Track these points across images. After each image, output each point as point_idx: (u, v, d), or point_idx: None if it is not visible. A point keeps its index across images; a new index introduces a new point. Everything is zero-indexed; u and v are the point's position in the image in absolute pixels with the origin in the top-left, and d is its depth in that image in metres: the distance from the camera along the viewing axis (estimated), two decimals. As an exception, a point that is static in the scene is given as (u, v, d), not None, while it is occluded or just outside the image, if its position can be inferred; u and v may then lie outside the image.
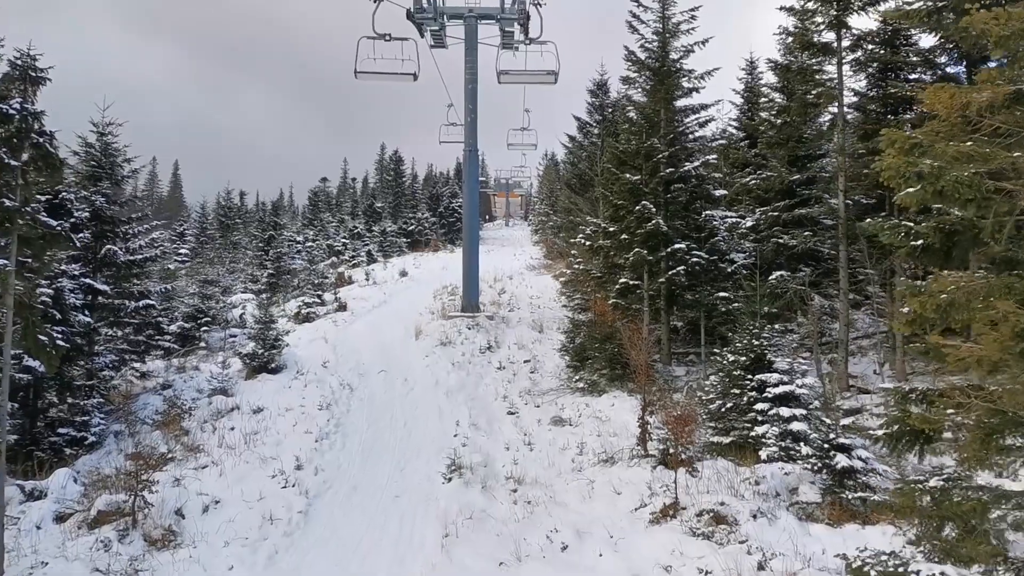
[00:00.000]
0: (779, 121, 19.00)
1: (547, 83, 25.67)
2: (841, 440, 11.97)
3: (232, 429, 17.29)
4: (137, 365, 21.61)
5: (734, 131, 28.02)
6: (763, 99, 26.99)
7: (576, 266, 20.93)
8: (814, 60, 18.44)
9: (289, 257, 40.57)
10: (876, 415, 16.04)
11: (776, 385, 14.27)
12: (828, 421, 12.60)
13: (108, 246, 20.22)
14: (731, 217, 19.83)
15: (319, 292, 32.94)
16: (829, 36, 18.06)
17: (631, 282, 18.88)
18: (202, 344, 26.33)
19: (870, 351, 19.66)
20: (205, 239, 46.43)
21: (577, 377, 19.61)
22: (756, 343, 14.96)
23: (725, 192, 19.84)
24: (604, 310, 19.83)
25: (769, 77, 26.13)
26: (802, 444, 12.91)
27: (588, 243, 20.16)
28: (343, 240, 53.85)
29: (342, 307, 31.09)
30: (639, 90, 20.79)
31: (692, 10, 20.08)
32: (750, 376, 14.71)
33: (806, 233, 17.72)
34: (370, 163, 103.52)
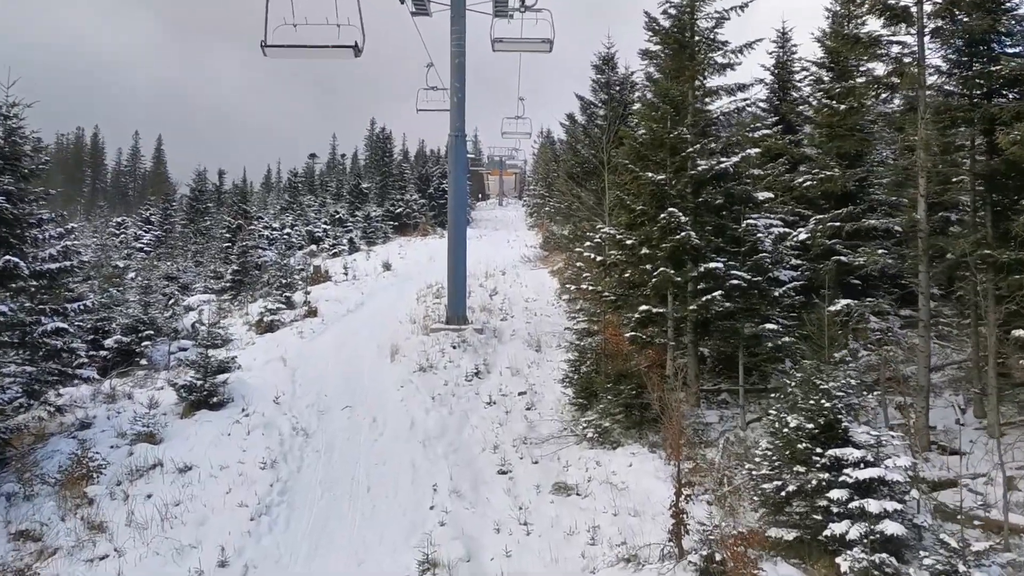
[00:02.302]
0: (842, 107, 15.21)
1: (542, 51, 22.61)
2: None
3: (149, 497, 13.57)
4: (52, 397, 17.82)
5: (762, 113, 24.19)
6: (798, 75, 23.26)
7: (585, 284, 17.23)
8: (886, 30, 14.64)
9: (260, 249, 36.62)
10: (976, 492, 12.49)
11: (858, 465, 10.64)
12: (952, 542, 8.95)
13: (7, 257, 16.40)
14: (777, 226, 16.07)
15: (288, 293, 29.17)
16: (907, -1, 14.26)
17: (653, 310, 15.17)
18: (143, 361, 22.57)
19: (945, 390, 16.03)
20: (169, 226, 42.41)
21: (584, 420, 15.95)
22: (827, 405, 11.29)
23: (771, 195, 16.07)
24: (616, 338, 16.17)
25: (807, 51, 22.47)
26: (911, 571, 9.28)
27: (598, 257, 16.40)
28: (324, 226, 49.92)
29: (312, 312, 27.35)
30: (661, 66, 16.99)
31: (727, -32, 16.23)
32: (820, 450, 11.07)
33: (880, 251, 13.96)
34: (360, 139, 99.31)
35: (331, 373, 20.06)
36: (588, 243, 18.14)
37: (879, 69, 16.02)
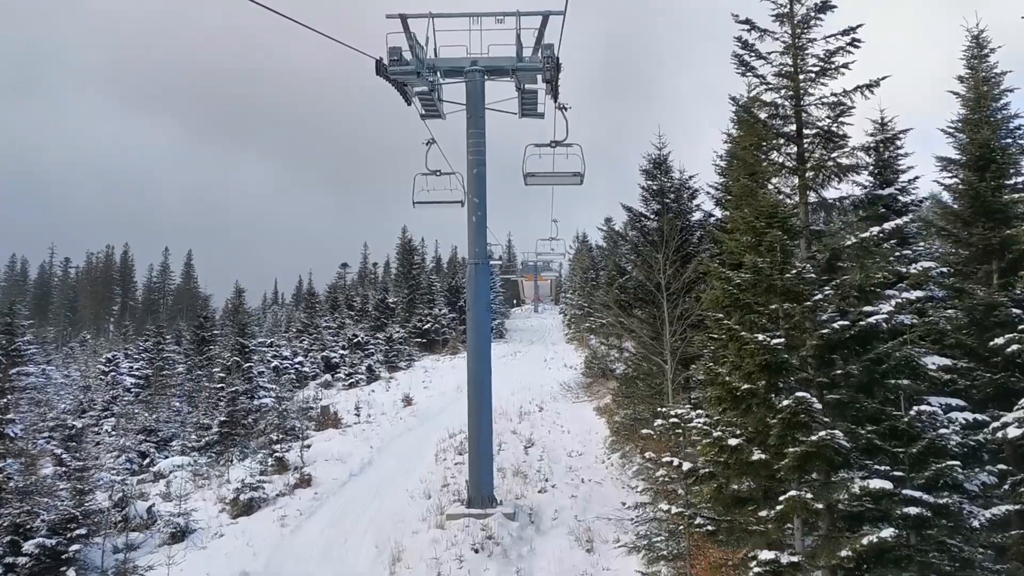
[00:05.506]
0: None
1: (574, 184, 20.35)
2: None
3: None
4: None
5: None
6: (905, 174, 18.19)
7: (660, 507, 11.67)
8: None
9: (261, 388, 31.61)
10: None
11: None
12: None
13: None
14: (959, 409, 10.55)
15: (280, 452, 23.99)
16: None
17: (783, 559, 9.66)
18: (72, 572, 17.30)
19: None
20: (161, 362, 37.79)
21: None
22: None
23: (948, 362, 10.63)
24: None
25: (913, 144, 17.86)
26: None
27: (685, 464, 10.92)
28: (341, 351, 45.12)
29: (304, 480, 22.07)
30: (755, 171, 12.04)
31: (850, 31, 11.30)
32: None
33: None
34: (392, 247, 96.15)
35: (307, 598, 14.65)
36: (659, 421, 12.70)
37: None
